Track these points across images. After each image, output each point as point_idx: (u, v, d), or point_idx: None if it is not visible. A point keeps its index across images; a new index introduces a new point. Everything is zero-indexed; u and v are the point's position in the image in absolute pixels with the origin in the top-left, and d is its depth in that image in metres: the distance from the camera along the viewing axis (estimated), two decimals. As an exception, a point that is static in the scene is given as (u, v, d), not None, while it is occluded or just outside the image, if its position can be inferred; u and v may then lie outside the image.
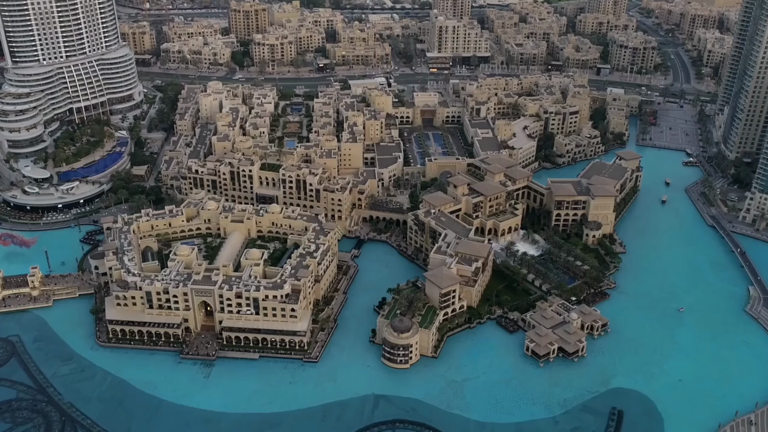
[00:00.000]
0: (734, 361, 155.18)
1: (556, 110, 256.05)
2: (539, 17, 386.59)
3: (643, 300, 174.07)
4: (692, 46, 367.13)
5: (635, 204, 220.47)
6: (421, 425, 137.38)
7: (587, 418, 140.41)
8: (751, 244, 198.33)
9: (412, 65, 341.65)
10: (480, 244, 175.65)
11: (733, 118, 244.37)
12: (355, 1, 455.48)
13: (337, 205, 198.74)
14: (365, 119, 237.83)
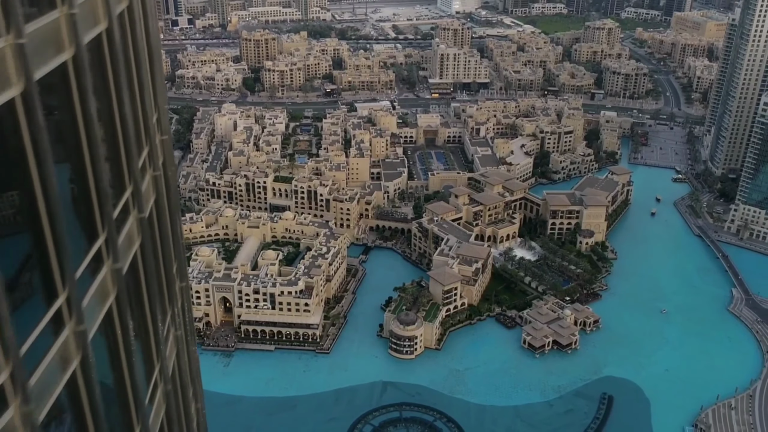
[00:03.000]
0: (717, 353, 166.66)
1: (551, 130, 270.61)
2: (536, 47, 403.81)
3: (633, 300, 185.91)
4: (683, 74, 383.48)
5: (626, 216, 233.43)
6: (425, 407, 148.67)
7: (580, 402, 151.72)
8: (735, 251, 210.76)
9: (415, 91, 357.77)
10: (480, 247, 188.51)
11: (719, 137, 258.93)
12: (360, 32, 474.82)
13: (345, 214, 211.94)
14: (371, 137, 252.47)
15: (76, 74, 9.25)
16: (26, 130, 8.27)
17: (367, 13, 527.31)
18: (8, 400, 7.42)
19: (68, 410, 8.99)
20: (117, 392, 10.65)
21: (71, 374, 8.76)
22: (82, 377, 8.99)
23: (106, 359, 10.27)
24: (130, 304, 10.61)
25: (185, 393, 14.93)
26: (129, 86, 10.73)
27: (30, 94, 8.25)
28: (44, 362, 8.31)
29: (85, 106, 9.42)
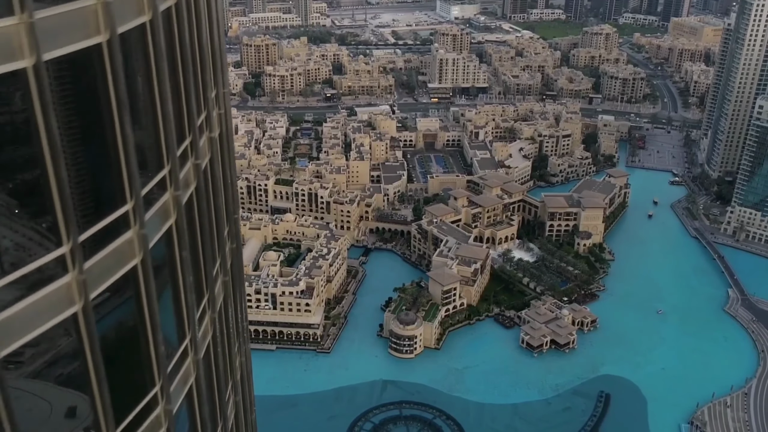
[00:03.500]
0: (713, 352, 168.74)
1: (549, 134, 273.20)
2: (535, 52, 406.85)
3: (630, 300, 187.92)
4: (680, 78, 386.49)
5: (624, 218, 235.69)
6: (425, 405, 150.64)
7: (577, 400, 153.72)
8: (731, 253, 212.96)
9: (415, 95, 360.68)
10: (478, 248, 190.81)
11: (715, 140, 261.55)
12: (360, 38, 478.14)
13: (346, 217, 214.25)
14: (371, 140, 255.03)
15: (152, 35, 11.51)
16: (110, 74, 10.52)
17: (367, 19, 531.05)
18: (67, 268, 9.84)
19: (128, 293, 11.46)
20: (173, 297, 12.99)
21: (132, 267, 11.18)
22: (141, 271, 11.39)
23: (166, 266, 12.65)
24: (186, 231, 13.09)
25: (230, 338, 17.06)
26: (192, 52, 13.15)
27: (113, 44, 10.50)
28: (106, 250, 10.74)
29: (159, 64, 11.72)
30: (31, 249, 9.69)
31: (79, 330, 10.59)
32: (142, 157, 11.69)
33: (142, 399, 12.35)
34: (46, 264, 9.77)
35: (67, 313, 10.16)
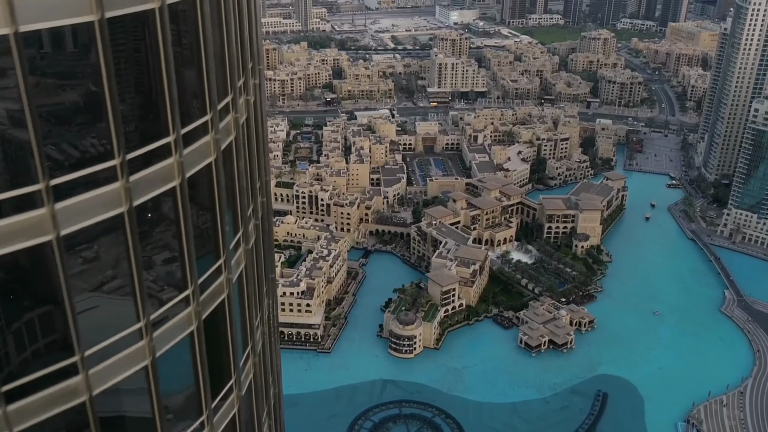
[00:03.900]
0: (710, 352, 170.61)
1: (548, 137, 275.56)
2: (533, 56, 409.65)
3: (628, 301, 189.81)
4: (677, 83, 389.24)
5: (621, 220, 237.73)
6: (425, 404, 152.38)
7: (575, 399, 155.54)
8: (727, 254, 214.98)
9: (414, 99, 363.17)
10: (477, 249, 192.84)
11: (712, 144, 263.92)
12: (359, 43, 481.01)
13: (346, 219, 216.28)
14: (371, 144, 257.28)
15: (200, 4, 13.92)
16: (159, 33, 13.03)
17: (366, 24, 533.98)
18: (117, 177, 13.19)
19: (168, 210, 14.77)
20: (211, 223, 16.28)
21: (171, 187, 14.52)
22: (179, 193, 14.67)
23: (204, 196, 15.96)
24: (223, 171, 16.04)
25: (259, 270, 19.88)
26: (235, 27, 15.98)
27: (163, 10, 12.86)
28: (150, 169, 14.08)
29: (205, 31, 14.11)
30: (93, 158, 12.83)
31: (125, 228, 13.43)
32: (188, 103, 14.52)
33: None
34: (102, 170, 12.91)
35: (116, 212, 13.17)
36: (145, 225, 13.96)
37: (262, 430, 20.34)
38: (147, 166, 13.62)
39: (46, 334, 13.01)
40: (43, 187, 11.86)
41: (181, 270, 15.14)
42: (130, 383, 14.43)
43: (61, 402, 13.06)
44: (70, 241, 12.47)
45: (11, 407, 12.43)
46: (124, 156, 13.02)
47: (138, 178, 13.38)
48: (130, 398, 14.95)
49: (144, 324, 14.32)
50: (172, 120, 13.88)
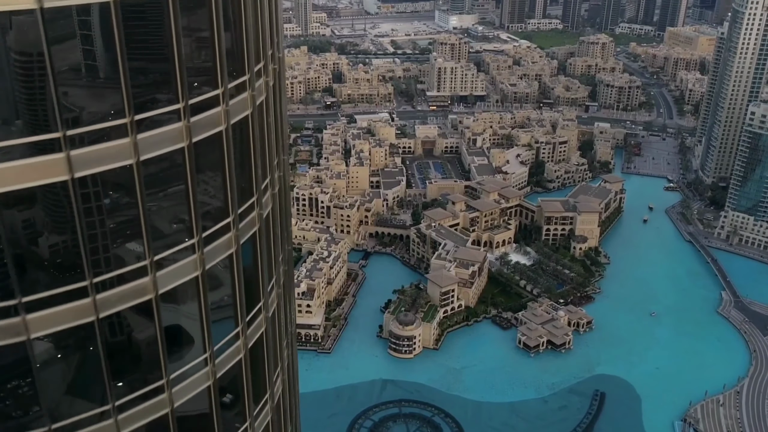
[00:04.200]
0: (707, 353, 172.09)
1: (546, 140, 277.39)
2: (532, 61, 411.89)
3: (626, 302, 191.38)
4: (675, 87, 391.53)
5: (619, 223, 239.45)
6: (424, 404, 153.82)
7: (573, 399, 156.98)
8: (724, 256, 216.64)
9: (413, 103, 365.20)
10: (476, 251, 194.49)
11: (709, 147, 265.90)
12: (359, 47, 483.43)
13: (346, 221, 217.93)
14: (371, 147, 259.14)
15: None
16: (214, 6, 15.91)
17: (366, 28, 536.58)
18: (180, 118, 16.35)
19: (217, 149, 17.63)
20: (242, 162, 19.13)
21: (219, 131, 17.62)
22: (225, 136, 17.81)
23: (244, 138, 18.87)
24: (258, 124, 18.92)
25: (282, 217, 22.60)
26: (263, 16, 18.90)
27: None
28: (204, 114, 17.28)
29: (246, 4, 16.99)
30: (165, 102, 15.99)
31: (185, 161, 16.40)
32: (232, 63, 17.44)
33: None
34: (170, 112, 16.01)
35: (179, 146, 16.18)
36: (200, 159, 16.76)
37: (283, 355, 23.12)
38: (202, 111, 16.53)
39: (131, 238, 16.26)
40: (129, 121, 14.96)
41: (225, 201, 18.01)
42: (185, 289, 17.41)
43: (135, 297, 16.31)
44: (147, 167, 15.59)
45: (106, 294, 15.76)
46: (186, 101, 15.88)
47: (196, 120, 16.32)
48: (185, 303, 18.01)
49: (197, 240, 17.26)
50: (221, 76, 16.74)
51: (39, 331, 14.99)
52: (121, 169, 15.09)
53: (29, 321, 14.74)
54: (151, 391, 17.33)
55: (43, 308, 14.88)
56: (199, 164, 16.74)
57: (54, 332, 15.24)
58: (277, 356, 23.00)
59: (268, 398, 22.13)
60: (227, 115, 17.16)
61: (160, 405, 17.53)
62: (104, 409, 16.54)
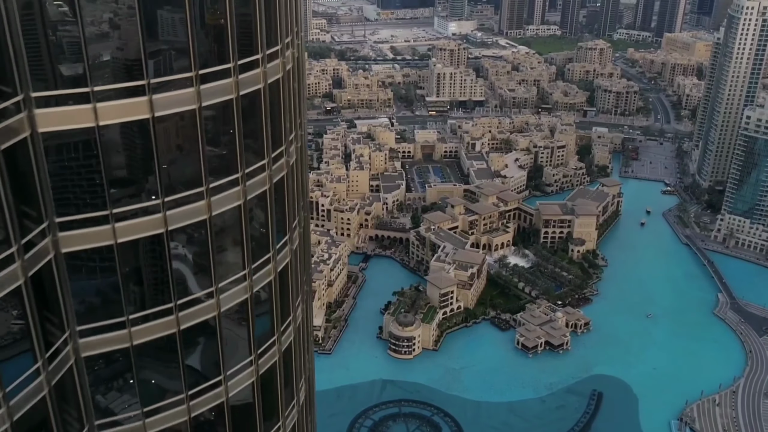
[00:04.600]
0: (703, 353, 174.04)
1: (544, 144, 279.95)
2: (530, 66, 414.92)
3: (623, 304, 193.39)
4: (672, 92, 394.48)
5: (617, 226, 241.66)
6: (423, 404, 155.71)
7: (571, 399, 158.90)
8: (721, 259, 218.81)
9: (413, 108, 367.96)
10: (475, 253, 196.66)
11: (705, 151, 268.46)
12: (359, 53, 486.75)
13: (346, 224, 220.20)
14: (371, 151, 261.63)
15: None
16: None
17: (366, 35, 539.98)
18: (230, 75, 19.90)
19: (258, 104, 21.06)
20: (273, 117, 22.20)
21: (257, 88, 20.89)
22: (263, 93, 21.07)
23: (279, 95, 22.33)
24: (288, 84, 22.10)
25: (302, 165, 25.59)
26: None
27: None
28: (249, 72, 20.67)
29: None
30: (221, 60, 19.21)
31: (232, 111, 19.65)
32: (269, 33, 20.69)
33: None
34: (224, 69, 19.29)
35: (229, 97, 19.50)
36: (245, 111, 20.10)
37: (304, 288, 27.01)
38: (247, 71, 19.84)
39: (190, 171, 19.63)
40: (194, 75, 18.43)
41: (262, 143, 21.13)
42: (230, 215, 20.60)
43: (197, 215, 19.70)
44: (206, 112, 18.97)
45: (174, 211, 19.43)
46: (236, 61, 19.25)
47: (242, 77, 19.66)
48: (230, 228, 21.32)
49: (241, 174, 20.51)
50: (261, 43, 20.05)
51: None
52: (188, 112, 18.47)
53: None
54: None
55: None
56: (244, 113, 20.07)
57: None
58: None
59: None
60: (265, 75, 20.56)
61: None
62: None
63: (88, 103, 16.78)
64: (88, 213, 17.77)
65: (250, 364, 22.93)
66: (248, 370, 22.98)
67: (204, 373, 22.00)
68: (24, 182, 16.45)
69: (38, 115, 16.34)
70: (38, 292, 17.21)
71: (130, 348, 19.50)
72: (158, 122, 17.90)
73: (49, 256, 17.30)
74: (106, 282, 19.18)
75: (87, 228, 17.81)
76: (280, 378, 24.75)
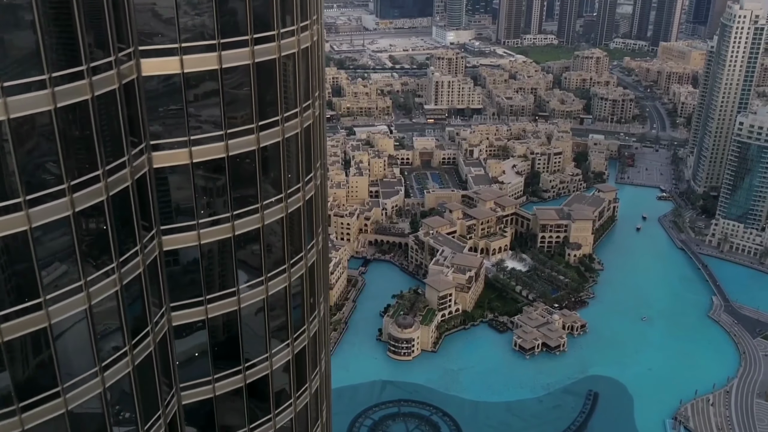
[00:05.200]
0: (697, 355, 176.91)
1: (541, 151, 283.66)
2: (527, 75, 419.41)
3: (619, 307, 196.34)
4: (668, 100, 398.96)
5: (613, 231, 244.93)
6: (422, 403, 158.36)
7: (567, 398, 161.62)
8: (715, 263, 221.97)
9: (411, 116, 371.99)
10: (473, 256, 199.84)
11: (700, 157, 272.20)
12: (358, 62, 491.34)
13: (346, 229, 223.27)
14: (370, 158, 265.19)
15: None
16: None
17: (365, 44, 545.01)
18: (274, 39, 24.58)
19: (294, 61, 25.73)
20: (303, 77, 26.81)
21: (292, 52, 25.42)
22: (296, 56, 25.60)
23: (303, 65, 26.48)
24: (313, 53, 26.26)
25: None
26: None
27: None
28: (289, 39, 25.20)
29: None
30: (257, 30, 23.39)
31: (275, 68, 24.18)
32: (300, 11, 24.94)
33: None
34: (266, 36, 23.50)
35: (271, 57, 23.88)
36: (283, 71, 24.77)
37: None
38: (290, 36, 24.55)
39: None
40: (217, 43, 22.51)
41: (294, 94, 25.67)
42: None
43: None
44: (260, 68, 23.56)
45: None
46: (280, 29, 23.92)
47: (283, 42, 24.20)
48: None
49: (281, 116, 25.01)
50: (295, 18, 24.65)
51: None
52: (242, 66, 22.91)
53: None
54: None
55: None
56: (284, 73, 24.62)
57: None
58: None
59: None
60: (312, 37, 25.48)
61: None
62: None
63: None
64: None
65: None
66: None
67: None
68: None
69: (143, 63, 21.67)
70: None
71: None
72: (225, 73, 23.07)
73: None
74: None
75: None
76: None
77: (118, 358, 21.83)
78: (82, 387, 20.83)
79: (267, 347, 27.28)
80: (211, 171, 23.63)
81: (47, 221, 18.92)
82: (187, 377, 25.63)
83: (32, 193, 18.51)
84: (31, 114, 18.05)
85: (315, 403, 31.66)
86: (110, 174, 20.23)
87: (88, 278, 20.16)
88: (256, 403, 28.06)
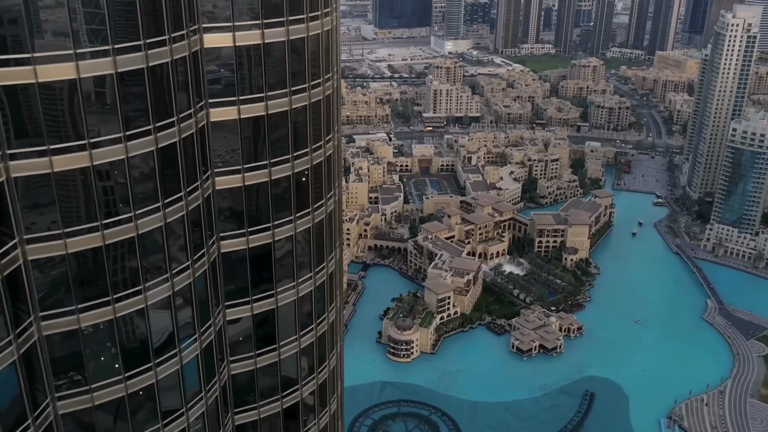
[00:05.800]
0: (692, 356, 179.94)
1: (539, 158, 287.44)
2: (525, 83, 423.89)
3: (615, 310, 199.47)
4: (664, 108, 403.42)
5: (609, 236, 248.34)
6: (422, 404, 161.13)
7: (564, 399, 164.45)
8: (710, 267, 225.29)
9: (410, 124, 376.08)
10: (471, 260, 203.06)
11: (695, 164, 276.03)
12: (357, 71, 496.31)
13: (345, 234, 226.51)
14: (369, 164, 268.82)
15: None
16: None
17: (364, 53, 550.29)
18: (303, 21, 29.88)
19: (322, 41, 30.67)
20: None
21: (322, 31, 30.61)
22: (327, 36, 30.95)
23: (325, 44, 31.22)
24: (331, 36, 30.58)
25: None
26: None
27: None
28: (315, 22, 30.60)
29: None
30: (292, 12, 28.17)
31: (305, 46, 29.43)
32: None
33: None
34: (300, 17, 28.69)
35: (301, 36, 29.00)
36: (313, 48, 29.58)
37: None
38: (316, 20, 29.36)
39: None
40: (262, 23, 27.71)
41: (318, 68, 30.28)
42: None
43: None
44: (293, 43, 28.64)
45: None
46: (307, 13, 28.97)
47: (311, 24, 29.12)
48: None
49: (308, 83, 29.74)
50: (320, 5, 29.69)
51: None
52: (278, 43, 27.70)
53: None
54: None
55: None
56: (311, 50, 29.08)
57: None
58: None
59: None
60: (337, 21, 30.20)
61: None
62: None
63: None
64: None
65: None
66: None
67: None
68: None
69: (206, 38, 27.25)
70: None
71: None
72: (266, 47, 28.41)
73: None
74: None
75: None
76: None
77: (182, 269, 27.29)
78: (161, 286, 26.83)
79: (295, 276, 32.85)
80: (252, 126, 28.52)
81: (138, 153, 24.45)
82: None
83: (129, 130, 23.99)
84: (132, 69, 23.56)
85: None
86: (181, 122, 25.65)
87: (164, 201, 25.68)
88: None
